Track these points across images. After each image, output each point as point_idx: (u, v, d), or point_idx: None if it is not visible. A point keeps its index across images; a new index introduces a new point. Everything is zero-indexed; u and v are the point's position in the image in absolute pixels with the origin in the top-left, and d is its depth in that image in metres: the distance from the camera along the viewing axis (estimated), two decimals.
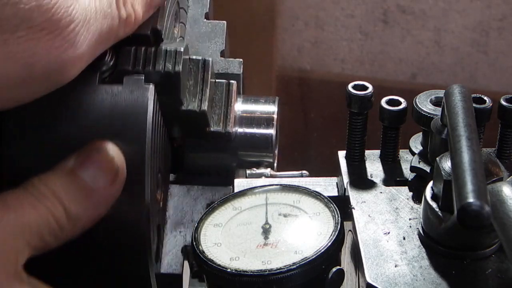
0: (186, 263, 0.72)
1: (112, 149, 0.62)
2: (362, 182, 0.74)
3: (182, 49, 0.67)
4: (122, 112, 0.63)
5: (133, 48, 0.66)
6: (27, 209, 0.58)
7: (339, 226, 0.67)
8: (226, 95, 0.74)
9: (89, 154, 0.62)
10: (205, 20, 0.81)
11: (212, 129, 0.73)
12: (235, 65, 0.78)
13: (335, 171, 0.78)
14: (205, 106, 0.70)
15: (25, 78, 0.57)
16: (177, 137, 0.75)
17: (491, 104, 0.72)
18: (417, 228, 0.68)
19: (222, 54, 0.80)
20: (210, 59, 0.72)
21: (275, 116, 0.79)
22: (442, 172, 0.63)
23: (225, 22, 0.81)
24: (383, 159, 0.77)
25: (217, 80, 0.74)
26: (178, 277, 0.70)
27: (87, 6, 0.59)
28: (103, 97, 0.64)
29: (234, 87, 0.75)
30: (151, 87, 0.64)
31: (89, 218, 0.61)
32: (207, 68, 0.71)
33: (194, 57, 0.71)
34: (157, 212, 0.69)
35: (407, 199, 0.71)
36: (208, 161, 0.77)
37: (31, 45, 0.56)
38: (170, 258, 0.71)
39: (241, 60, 0.79)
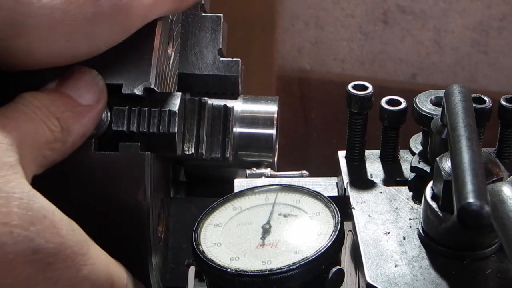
0: (190, 271, 0.73)
1: (93, 71, 0.65)
2: (362, 182, 0.74)
3: (176, 109, 0.67)
4: (120, 180, 0.65)
5: (126, 108, 0.66)
6: (26, 120, 0.60)
7: (339, 226, 0.67)
8: (224, 124, 0.74)
9: (73, 73, 0.64)
10: (200, 13, 0.80)
11: (210, 157, 0.73)
12: (234, 67, 0.78)
13: (335, 171, 0.78)
14: (202, 150, 0.71)
15: (94, 13, 0.61)
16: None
17: (491, 104, 0.72)
18: (417, 228, 0.67)
19: (220, 51, 0.79)
20: (206, 98, 0.72)
21: (275, 116, 0.78)
22: (442, 172, 0.63)
23: (221, 15, 0.80)
24: (383, 159, 0.77)
25: (214, 105, 0.73)
26: None
27: None
28: (100, 165, 0.65)
29: (233, 112, 0.74)
30: (147, 155, 0.65)
31: (79, 133, 0.63)
32: (203, 107, 0.72)
33: (189, 99, 0.71)
34: (160, 241, 0.70)
35: (407, 199, 0.71)
36: (208, 167, 0.77)
37: None
38: (174, 272, 0.71)
39: (239, 60, 0.79)
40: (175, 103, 0.67)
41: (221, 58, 0.78)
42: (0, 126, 0.59)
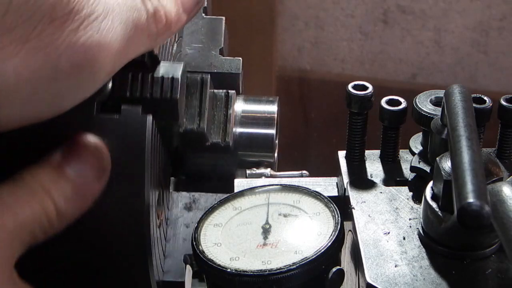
0: (187, 267, 0.72)
1: (99, 145, 0.62)
2: (362, 182, 0.74)
3: (179, 75, 0.66)
4: (120, 142, 0.63)
5: (130, 74, 0.65)
6: (23, 207, 0.58)
7: (339, 226, 0.67)
8: (225, 108, 0.74)
9: (76, 149, 0.61)
10: (203, 15, 0.80)
11: (211, 141, 0.73)
12: (234, 65, 0.78)
13: (335, 171, 0.78)
14: (204, 124, 0.70)
15: (53, 75, 0.56)
16: (175, 147, 0.75)
17: (491, 104, 0.72)
18: (417, 228, 0.68)
19: (221, 51, 0.79)
20: (208, 76, 0.72)
21: (275, 116, 0.79)
22: (442, 172, 0.63)
23: (223, 17, 0.80)
24: (383, 159, 0.77)
25: (215, 91, 0.74)
26: (181, 285, 0.70)
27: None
28: (101, 127, 0.63)
29: (233, 98, 0.74)
30: (149, 118, 0.64)
31: (75, 213, 0.61)
32: (205, 85, 0.71)
33: (191, 75, 0.71)
34: (158, 227, 0.69)
35: (407, 199, 0.71)
36: (209, 161, 0.77)
37: (54, 39, 0.55)
38: (172, 266, 0.71)
39: (240, 58, 0.79)
40: (178, 71, 0.66)
41: (222, 57, 0.78)
42: None
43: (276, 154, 0.80)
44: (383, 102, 0.74)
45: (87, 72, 0.58)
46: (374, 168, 0.76)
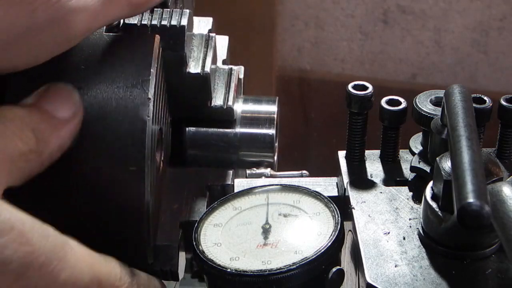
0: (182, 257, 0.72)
1: (70, 86, 0.64)
2: (362, 182, 0.74)
3: (187, 11, 0.69)
4: (127, 58, 0.65)
5: None
6: (6, 138, 0.59)
7: (339, 226, 0.67)
8: (228, 77, 0.75)
9: (48, 88, 0.64)
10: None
11: (213, 104, 0.73)
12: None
13: (335, 171, 0.78)
14: (207, 69, 0.71)
15: (29, 26, 0.59)
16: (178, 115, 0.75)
17: (491, 104, 0.72)
18: (417, 228, 0.68)
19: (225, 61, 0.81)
20: (214, 34, 0.73)
21: (275, 116, 0.79)
22: (442, 172, 0.63)
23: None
24: (383, 159, 0.77)
25: (218, 66, 0.75)
26: (174, 250, 0.70)
27: None
28: (108, 43, 0.65)
29: (236, 73, 0.75)
30: (157, 37, 0.66)
31: (56, 144, 0.63)
32: (211, 41, 0.73)
33: (197, 32, 0.73)
34: (156, 177, 0.69)
35: (407, 199, 0.71)
36: (209, 138, 0.77)
37: None
38: (167, 230, 0.71)
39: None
40: (186, 10, 0.70)
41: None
42: None
43: (276, 154, 0.80)
44: (383, 102, 0.74)
45: (61, 29, 0.60)
46: (374, 168, 0.76)
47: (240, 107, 0.78)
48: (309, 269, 0.64)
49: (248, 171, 0.79)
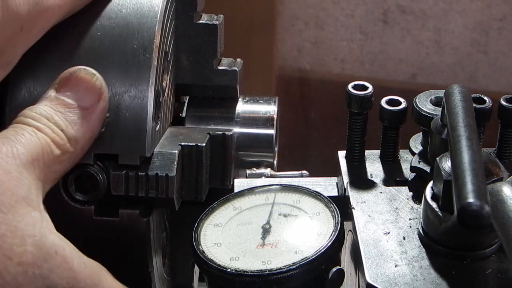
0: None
1: (89, 70, 0.64)
2: (362, 182, 0.74)
3: (174, 174, 0.67)
4: (121, 245, 0.67)
5: (124, 173, 0.66)
6: (31, 142, 0.59)
7: (339, 226, 0.67)
8: (223, 151, 0.73)
9: (67, 78, 0.63)
10: (195, 23, 0.78)
11: (218, 66, 0.74)
12: (232, 76, 0.77)
13: (335, 171, 0.78)
14: (201, 198, 0.71)
15: None
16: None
17: (491, 104, 0.72)
18: (417, 228, 0.67)
19: (218, 61, 0.79)
20: (203, 145, 0.70)
21: (275, 116, 0.79)
22: (442, 172, 0.63)
23: (217, 23, 0.77)
24: (383, 159, 0.77)
25: (212, 134, 0.73)
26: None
27: None
28: (101, 231, 0.66)
29: (232, 139, 0.74)
30: (147, 220, 0.67)
31: (86, 137, 0.63)
32: (200, 157, 0.71)
33: (187, 145, 0.70)
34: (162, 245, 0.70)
35: (407, 199, 0.71)
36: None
37: None
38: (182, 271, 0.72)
39: (236, 69, 0.77)
40: (173, 167, 0.67)
41: (219, 67, 0.77)
42: (5, 153, 0.58)
43: (276, 154, 0.80)
44: (383, 102, 0.74)
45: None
46: (374, 168, 0.76)
47: (240, 107, 0.78)
48: (309, 269, 0.64)
49: (248, 171, 0.79)
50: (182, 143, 0.69)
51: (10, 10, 0.59)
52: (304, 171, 0.80)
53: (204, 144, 0.70)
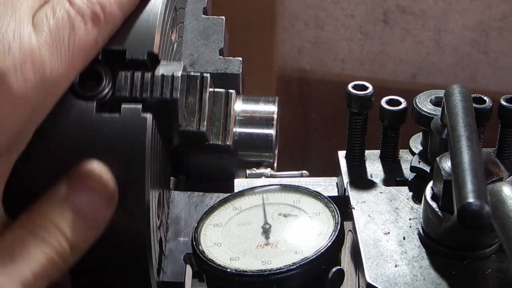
0: (187, 267, 0.72)
1: (104, 171, 0.60)
2: (362, 182, 0.74)
3: (179, 74, 0.66)
4: (120, 142, 0.63)
5: (130, 73, 0.65)
6: (35, 255, 0.57)
7: (339, 226, 0.67)
8: (225, 107, 0.74)
9: (82, 178, 0.60)
10: (203, 16, 0.80)
11: (211, 142, 0.73)
12: (235, 65, 0.78)
13: (335, 171, 0.78)
14: (203, 127, 0.70)
15: None
16: (175, 146, 0.75)
17: (491, 104, 0.72)
18: (417, 228, 0.68)
19: (221, 52, 0.79)
20: (208, 75, 0.71)
21: (275, 116, 0.78)
22: (442, 172, 0.63)
23: (223, 17, 0.80)
24: (383, 159, 0.77)
25: (215, 90, 0.74)
26: (180, 285, 0.70)
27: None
28: (101, 127, 0.63)
29: (233, 97, 0.74)
30: (149, 117, 0.64)
31: (88, 243, 0.60)
32: (205, 84, 0.71)
33: (192, 73, 0.71)
34: (158, 227, 0.69)
35: (407, 199, 0.71)
36: (209, 162, 0.77)
37: None
38: (172, 266, 0.71)
39: (240, 59, 0.78)
40: (178, 70, 0.67)
41: (222, 57, 0.78)
42: (9, 266, 0.55)
43: (276, 154, 0.80)
44: (383, 102, 0.74)
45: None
46: (374, 168, 0.76)
47: (239, 107, 0.78)
48: (309, 269, 0.64)
49: (248, 171, 0.79)
50: (188, 70, 0.70)
51: (18, 98, 0.56)
52: (304, 171, 0.80)
53: (209, 75, 0.70)
